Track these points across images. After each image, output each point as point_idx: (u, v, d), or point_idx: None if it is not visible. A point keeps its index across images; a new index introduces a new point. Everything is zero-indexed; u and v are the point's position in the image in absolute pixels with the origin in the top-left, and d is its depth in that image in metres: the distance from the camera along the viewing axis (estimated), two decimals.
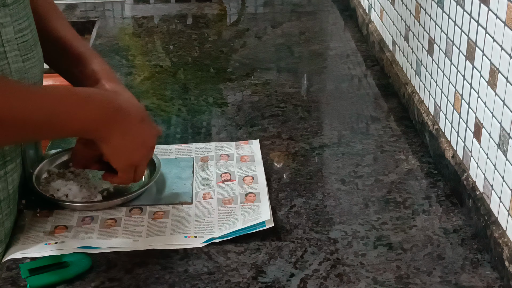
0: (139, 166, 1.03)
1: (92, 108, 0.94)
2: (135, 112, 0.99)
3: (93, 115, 0.94)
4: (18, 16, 0.94)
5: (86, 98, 0.94)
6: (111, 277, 0.92)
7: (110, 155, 0.99)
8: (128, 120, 0.98)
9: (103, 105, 0.95)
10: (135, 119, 0.99)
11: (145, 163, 1.04)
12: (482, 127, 1.00)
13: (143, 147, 1.02)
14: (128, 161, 1.01)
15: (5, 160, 0.96)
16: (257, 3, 2.12)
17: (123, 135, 0.97)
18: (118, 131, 0.96)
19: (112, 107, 0.96)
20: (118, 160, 1.01)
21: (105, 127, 0.95)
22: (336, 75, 1.58)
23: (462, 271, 0.93)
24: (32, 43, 0.98)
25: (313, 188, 1.12)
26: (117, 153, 0.99)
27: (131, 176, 1.03)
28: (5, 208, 0.98)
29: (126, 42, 1.82)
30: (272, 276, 0.92)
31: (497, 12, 0.92)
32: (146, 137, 1.01)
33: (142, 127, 1.00)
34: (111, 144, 0.97)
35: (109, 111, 0.95)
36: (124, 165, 1.01)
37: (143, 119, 1.00)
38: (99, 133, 0.96)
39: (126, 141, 0.98)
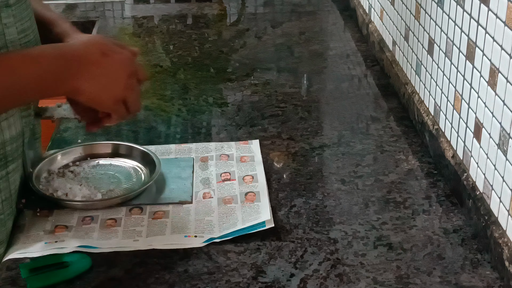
0: (127, 97, 0.96)
1: (46, 63, 0.90)
2: (92, 49, 0.93)
3: (49, 69, 0.90)
4: (20, 16, 0.94)
5: (38, 56, 0.91)
6: (111, 277, 0.92)
7: (90, 102, 0.94)
8: (86, 61, 0.92)
9: (56, 56, 0.91)
10: (94, 55, 0.93)
11: (132, 92, 0.97)
12: (482, 127, 1.00)
13: (117, 78, 0.95)
14: (110, 99, 0.95)
15: (7, 160, 0.96)
16: (257, 3, 2.12)
17: (89, 78, 0.92)
18: (81, 76, 0.91)
19: (66, 54, 0.92)
20: (100, 104, 0.96)
21: (66, 78, 0.91)
22: (336, 75, 1.58)
23: (462, 271, 0.93)
24: (34, 43, 0.98)
25: (313, 188, 1.12)
26: (94, 98, 0.94)
27: (123, 111, 0.97)
28: (7, 208, 0.98)
29: (126, 42, 1.81)
30: (272, 276, 0.92)
31: (497, 12, 0.92)
32: (115, 67, 0.95)
33: (106, 60, 0.94)
34: (83, 92, 0.92)
35: (64, 60, 0.91)
36: (109, 105, 0.96)
37: (104, 51, 0.94)
38: (65, 86, 0.91)
39: (95, 82, 0.92)
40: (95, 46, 0.94)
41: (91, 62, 0.92)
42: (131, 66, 0.97)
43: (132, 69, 0.97)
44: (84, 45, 0.94)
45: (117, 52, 0.96)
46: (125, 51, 0.97)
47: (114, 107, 0.96)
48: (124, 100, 0.96)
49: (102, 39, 0.97)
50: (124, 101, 0.96)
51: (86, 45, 0.94)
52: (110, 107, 0.96)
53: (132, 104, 0.97)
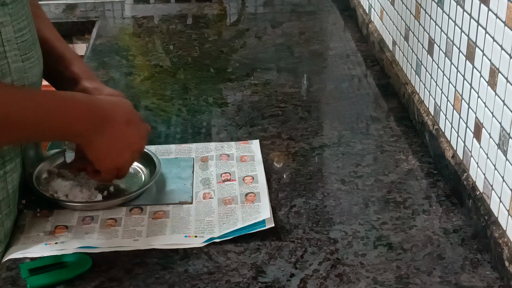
0: (122, 168, 1.03)
1: (77, 113, 0.93)
2: (120, 115, 0.98)
3: (78, 120, 0.93)
4: (17, 15, 0.94)
5: (71, 103, 0.94)
6: (111, 277, 0.92)
7: (93, 158, 0.99)
8: (112, 124, 0.97)
9: (87, 109, 0.95)
10: (120, 122, 0.98)
11: (129, 165, 1.04)
12: (482, 127, 1.00)
13: (127, 150, 1.01)
14: (111, 164, 1.01)
15: (4, 160, 0.96)
16: (257, 3, 2.12)
17: (106, 139, 0.97)
18: (101, 135, 0.96)
19: (97, 111, 0.96)
20: (100, 164, 1.00)
21: (89, 131, 0.95)
22: (336, 75, 1.58)
23: (462, 271, 0.93)
24: (31, 43, 0.98)
25: (313, 188, 1.12)
26: (101, 157, 0.99)
27: (112, 177, 1.04)
28: (5, 208, 0.98)
29: (126, 42, 1.82)
30: (272, 276, 0.92)
31: (497, 12, 0.92)
32: (131, 140, 1.00)
33: (127, 130, 0.99)
34: (94, 148, 0.97)
35: (94, 116, 0.95)
36: (107, 168, 1.01)
37: (129, 121, 0.99)
38: (83, 138, 0.96)
39: (109, 145, 0.98)
40: (124, 111, 0.99)
41: (114, 125, 0.97)
42: (142, 142, 1.03)
43: (141, 146, 1.03)
44: (116, 106, 0.99)
45: (138, 125, 1.02)
46: (144, 127, 1.03)
47: (109, 171, 1.02)
48: (119, 169, 1.02)
49: (130, 104, 1.02)
50: (118, 169, 1.02)
51: (117, 107, 0.99)
52: (106, 169, 1.01)
53: (122, 174, 1.04)
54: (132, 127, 1.00)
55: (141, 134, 1.02)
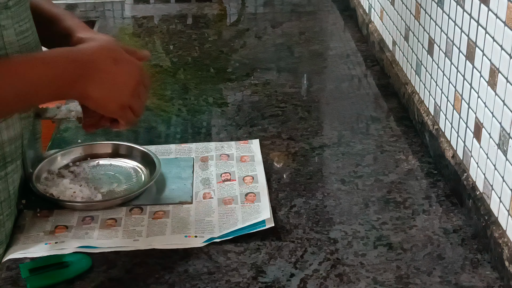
0: (133, 104, 0.98)
1: (59, 68, 0.91)
2: (104, 56, 0.95)
3: (62, 74, 0.91)
4: (19, 18, 0.94)
5: (51, 61, 0.92)
6: (111, 277, 0.92)
7: (97, 108, 0.96)
8: (98, 67, 0.94)
9: (68, 61, 0.92)
10: (105, 62, 0.94)
11: (137, 99, 0.99)
12: (482, 127, 1.00)
13: (125, 86, 0.97)
14: (116, 105, 0.97)
15: (5, 161, 0.96)
16: (257, 3, 2.12)
17: (98, 84, 0.93)
18: (91, 82, 0.93)
19: (78, 60, 0.93)
20: (106, 110, 0.97)
21: (77, 83, 0.92)
22: (336, 75, 1.58)
23: (462, 271, 0.93)
24: (34, 45, 0.98)
25: (313, 188, 1.12)
26: (102, 103, 0.95)
27: (130, 116, 0.99)
28: (6, 209, 0.98)
29: (126, 42, 1.82)
30: (272, 276, 0.92)
31: (497, 12, 0.92)
32: (125, 75, 0.97)
33: (116, 68, 0.95)
34: (91, 97, 0.94)
35: (76, 66, 0.92)
36: (115, 111, 0.97)
37: (116, 59, 0.96)
38: (75, 91, 0.93)
39: (104, 89, 0.94)
40: (107, 52, 0.96)
41: (102, 69, 0.94)
42: (139, 74, 0.99)
43: (139, 77, 0.98)
44: (96, 51, 0.95)
45: (127, 61, 0.98)
46: (135, 60, 0.99)
47: (120, 113, 0.98)
48: (130, 106, 0.98)
49: (114, 45, 0.98)
50: (130, 107, 0.98)
51: (98, 51, 0.96)
52: (116, 112, 0.98)
53: (137, 110, 0.99)
54: (121, 64, 0.96)
55: (132, 66, 0.98)
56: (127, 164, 1.16)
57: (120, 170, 1.15)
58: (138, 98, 0.99)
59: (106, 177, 1.13)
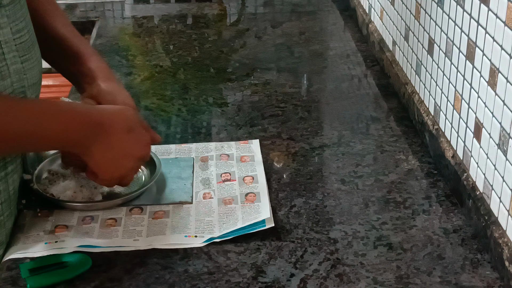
0: (125, 177, 1.01)
1: (73, 123, 0.93)
2: (120, 123, 0.97)
3: (74, 130, 0.92)
4: (15, 17, 0.94)
5: (66, 113, 0.93)
6: (111, 277, 0.92)
7: (94, 167, 0.97)
8: (111, 133, 0.95)
9: (84, 118, 0.94)
10: (120, 130, 0.96)
11: (132, 174, 1.02)
12: (482, 127, 1.00)
13: (129, 159, 0.99)
14: (112, 174, 0.99)
15: (5, 161, 0.96)
16: (257, 3, 2.12)
17: (105, 149, 0.95)
18: (100, 145, 0.94)
19: (94, 121, 0.94)
20: (100, 173, 0.98)
21: (85, 140, 0.94)
22: (336, 75, 1.58)
23: (462, 271, 0.93)
24: (30, 44, 0.98)
25: (313, 188, 1.12)
26: (101, 167, 0.97)
27: (114, 185, 1.03)
28: (6, 209, 0.98)
29: (126, 42, 1.82)
30: (272, 276, 0.92)
31: (497, 12, 0.92)
32: (133, 148, 0.99)
33: (127, 138, 0.97)
34: (94, 158, 0.96)
35: (90, 126, 0.94)
36: (108, 178, 1.00)
37: (131, 129, 0.98)
38: (81, 148, 0.95)
39: (109, 155, 0.96)
40: (124, 119, 0.97)
41: (114, 134, 0.95)
42: (145, 150, 1.01)
43: (144, 154, 1.01)
44: (116, 115, 0.97)
45: (139, 134, 0.99)
46: (146, 135, 1.01)
47: (109, 180, 1.00)
48: (122, 178, 1.01)
49: (134, 114, 1.00)
50: (123, 179, 1.01)
51: (118, 115, 0.97)
52: (106, 179, 1.00)
53: (125, 182, 1.02)
54: (132, 135, 0.98)
55: (143, 141, 1.00)
56: None
57: None
58: (132, 172, 1.01)
59: None
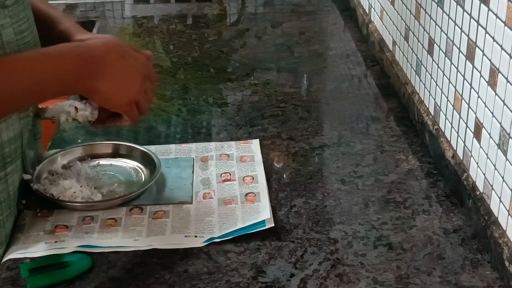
0: (140, 100, 0.99)
1: (67, 64, 0.91)
2: (111, 51, 0.95)
3: (70, 70, 0.91)
4: (18, 17, 0.94)
5: (58, 56, 0.92)
6: (111, 277, 0.92)
7: (104, 103, 0.97)
8: (105, 63, 0.94)
9: (76, 56, 0.93)
10: (113, 58, 0.95)
11: (144, 96, 0.99)
12: (482, 127, 1.00)
13: (133, 81, 0.97)
14: (124, 101, 0.97)
15: (5, 162, 0.96)
16: (257, 3, 2.12)
17: (106, 79, 0.94)
18: (99, 77, 0.93)
19: (86, 55, 0.93)
20: (113, 105, 0.97)
21: (85, 78, 0.92)
22: (336, 75, 1.58)
23: (462, 271, 0.93)
24: (33, 45, 0.98)
25: (313, 188, 1.12)
26: (109, 98, 0.96)
27: (135, 113, 1.00)
28: (6, 209, 0.98)
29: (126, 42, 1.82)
30: (272, 276, 0.92)
31: (497, 12, 0.92)
32: (132, 70, 0.97)
33: (123, 63, 0.96)
34: (99, 92, 0.94)
35: (84, 61, 0.92)
36: (122, 106, 0.98)
37: (122, 54, 0.96)
38: (83, 86, 0.93)
39: (112, 84, 0.95)
40: (114, 48, 0.96)
41: (109, 64, 0.94)
42: (145, 69, 0.99)
43: (146, 73, 0.99)
44: (104, 46, 0.96)
45: (134, 56, 0.98)
46: (141, 55, 1.00)
47: (127, 109, 0.98)
48: (137, 102, 0.98)
49: (120, 41, 0.99)
50: (137, 103, 0.98)
51: (105, 47, 0.96)
52: (123, 108, 0.98)
53: (144, 106, 1.00)
54: (127, 59, 0.97)
55: (138, 61, 0.99)
56: (127, 164, 1.16)
57: (120, 170, 1.15)
58: (145, 93, 0.99)
59: (107, 177, 1.13)
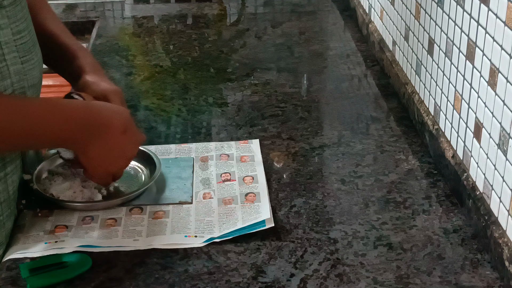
0: (116, 174, 1.04)
1: (72, 122, 0.93)
2: (117, 124, 0.98)
3: (73, 128, 0.94)
4: (15, 18, 0.94)
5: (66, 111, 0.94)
6: (111, 277, 0.92)
7: (88, 165, 0.99)
8: (108, 133, 0.96)
9: (83, 117, 0.95)
10: (117, 131, 0.98)
11: (122, 171, 1.05)
12: (482, 127, 1.00)
13: (121, 158, 1.01)
14: (105, 171, 1.01)
15: (5, 161, 0.96)
16: (257, 3, 2.12)
17: (101, 148, 0.96)
18: (96, 143, 0.96)
19: (93, 119, 0.95)
20: (94, 171, 1.00)
21: (84, 140, 0.95)
22: (336, 75, 1.58)
23: (462, 271, 0.93)
24: (31, 45, 0.98)
25: (313, 188, 1.12)
26: (94, 164, 0.99)
27: (108, 183, 1.05)
28: (6, 210, 0.98)
29: (126, 42, 1.82)
30: (272, 276, 0.92)
31: (497, 12, 0.92)
32: (125, 148, 1.00)
33: (122, 139, 0.99)
34: (89, 155, 0.97)
35: (89, 124, 0.95)
36: (100, 174, 1.02)
37: (126, 129, 0.99)
38: (79, 145, 0.96)
39: (104, 153, 0.97)
40: (120, 119, 0.98)
41: (110, 134, 0.96)
42: (134, 151, 1.03)
43: (132, 154, 1.03)
44: (112, 115, 0.98)
45: (135, 134, 1.01)
46: (140, 135, 1.03)
47: (103, 178, 1.03)
48: (113, 175, 1.03)
49: (128, 113, 1.01)
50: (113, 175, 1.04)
51: (113, 116, 0.98)
52: (100, 176, 1.02)
53: (115, 178, 1.05)
54: (128, 135, 0.99)
55: (135, 141, 1.03)
56: None
57: None
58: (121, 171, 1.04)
59: None
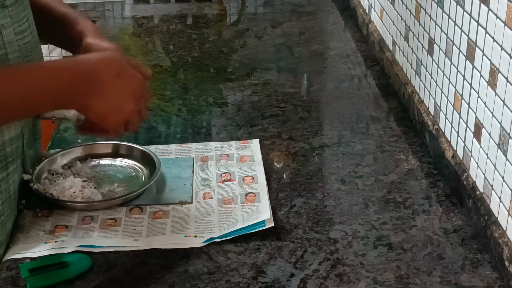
0: (130, 120, 0.97)
1: (64, 80, 0.90)
2: (107, 70, 0.93)
3: (64, 85, 0.90)
4: (18, 17, 0.94)
5: (56, 71, 0.91)
6: (111, 277, 0.92)
7: (97, 121, 0.95)
8: (101, 80, 0.92)
9: (73, 74, 0.91)
10: (109, 77, 0.93)
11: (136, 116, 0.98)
12: (482, 127, 1.00)
13: (127, 102, 0.95)
14: (116, 121, 0.96)
15: (7, 161, 0.96)
16: (257, 3, 2.12)
17: (100, 98, 0.92)
18: (94, 95, 0.91)
19: (83, 73, 0.92)
20: (104, 123, 0.95)
21: (81, 96, 0.91)
22: (336, 75, 1.58)
23: (462, 271, 0.93)
24: (33, 45, 0.98)
25: (313, 188, 1.12)
26: (101, 117, 0.94)
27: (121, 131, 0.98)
28: (7, 209, 0.98)
29: (126, 42, 1.82)
30: (272, 276, 0.92)
31: (497, 12, 0.92)
32: (127, 90, 0.95)
33: (118, 83, 0.94)
34: (93, 110, 0.93)
35: (81, 78, 0.91)
36: (112, 125, 0.96)
37: (120, 73, 0.94)
38: (76, 102, 0.92)
39: (106, 103, 0.93)
40: (111, 65, 0.94)
41: (105, 82, 0.92)
42: (141, 90, 0.97)
43: (141, 93, 0.97)
44: (102, 62, 0.94)
45: (130, 75, 0.96)
46: (138, 74, 0.98)
47: (115, 127, 0.97)
48: (128, 122, 0.97)
49: (118, 57, 0.97)
50: (126, 123, 0.97)
51: (103, 62, 0.94)
52: (112, 127, 0.97)
53: (132, 126, 0.98)
54: (124, 78, 0.95)
55: (135, 81, 0.97)
56: (127, 164, 1.16)
57: (120, 170, 1.15)
58: (136, 114, 0.98)
59: (107, 177, 1.13)
